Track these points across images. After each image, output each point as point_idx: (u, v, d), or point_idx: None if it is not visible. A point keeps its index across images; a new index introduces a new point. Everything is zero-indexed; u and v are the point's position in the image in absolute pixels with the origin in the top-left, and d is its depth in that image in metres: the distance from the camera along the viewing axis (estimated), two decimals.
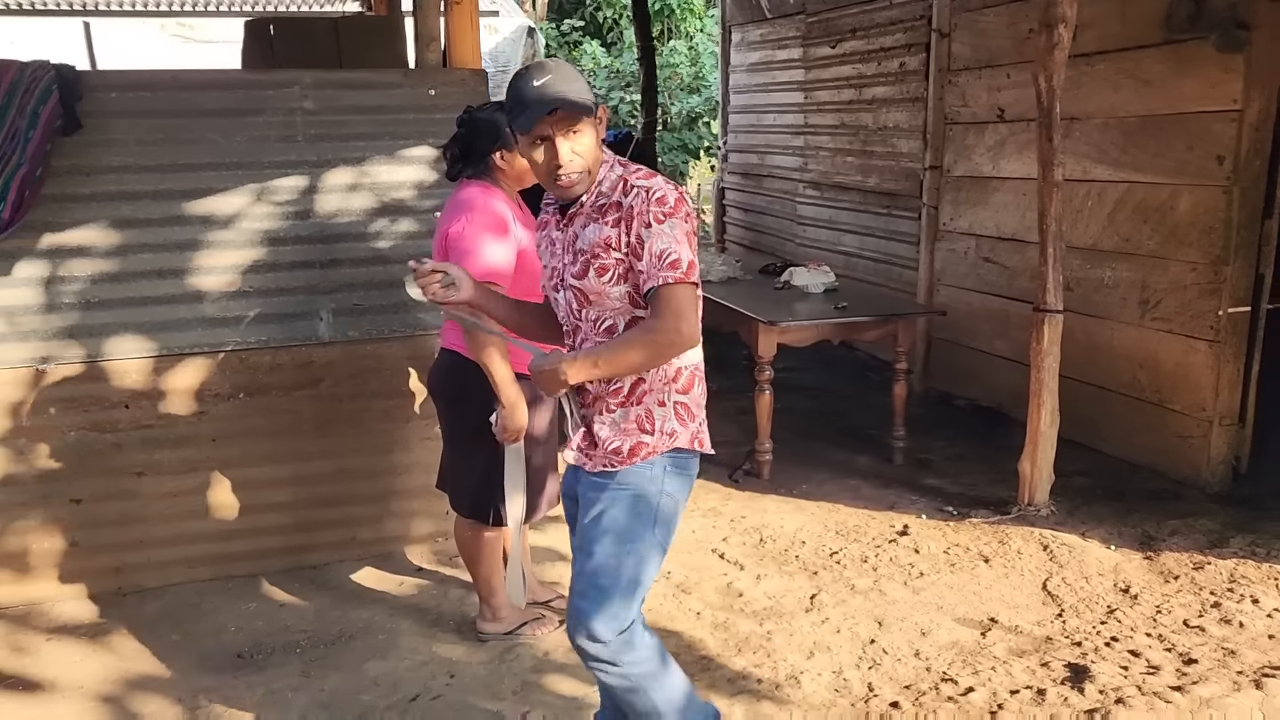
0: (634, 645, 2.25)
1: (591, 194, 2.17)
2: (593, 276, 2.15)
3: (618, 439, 2.21)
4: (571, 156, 2.11)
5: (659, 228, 2.07)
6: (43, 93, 3.15)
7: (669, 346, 2.08)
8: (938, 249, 6.02)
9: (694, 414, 2.25)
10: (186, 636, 3.34)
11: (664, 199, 2.09)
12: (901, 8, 6.25)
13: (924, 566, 3.78)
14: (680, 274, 2.06)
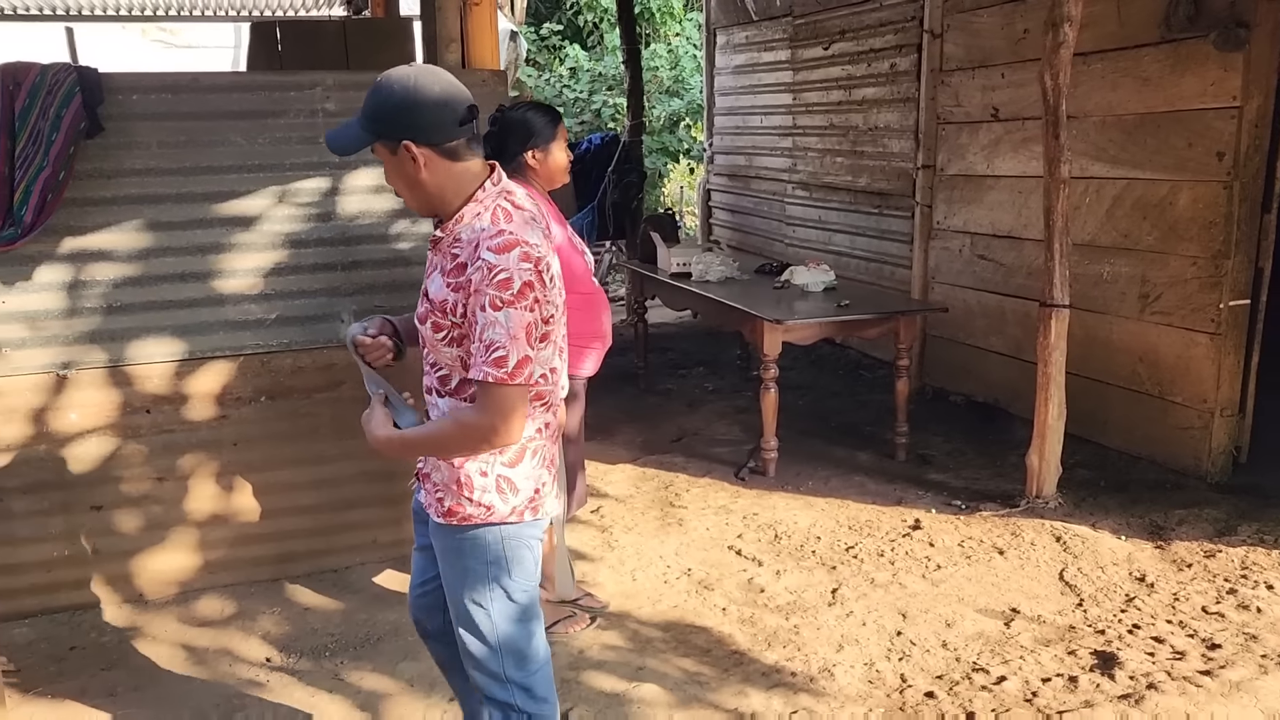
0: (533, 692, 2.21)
1: (450, 233, 1.99)
2: (429, 328, 2.00)
3: (441, 491, 2.09)
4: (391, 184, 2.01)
5: (494, 315, 1.86)
6: (65, 95, 3.12)
7: (483, 444, 1.95)
8: (931, 247, 6.09)
9: (519, 488, 2.07)
10: (214, 641, 3.32)
11: (507, 282, 1.86)
12: (892, 9, 6.32)
13: (940, 559, 3.84)
14: (504, 373, 1.87)
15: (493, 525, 2.07)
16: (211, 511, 3.57)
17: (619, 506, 4.44)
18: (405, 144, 1.90)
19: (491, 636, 2.13)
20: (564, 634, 3.28)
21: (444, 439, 2.00)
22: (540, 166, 3.00)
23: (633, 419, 5.67)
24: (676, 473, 4.85)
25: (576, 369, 3.08)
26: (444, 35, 3.62)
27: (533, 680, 2.20)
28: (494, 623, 2.12)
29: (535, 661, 2.20)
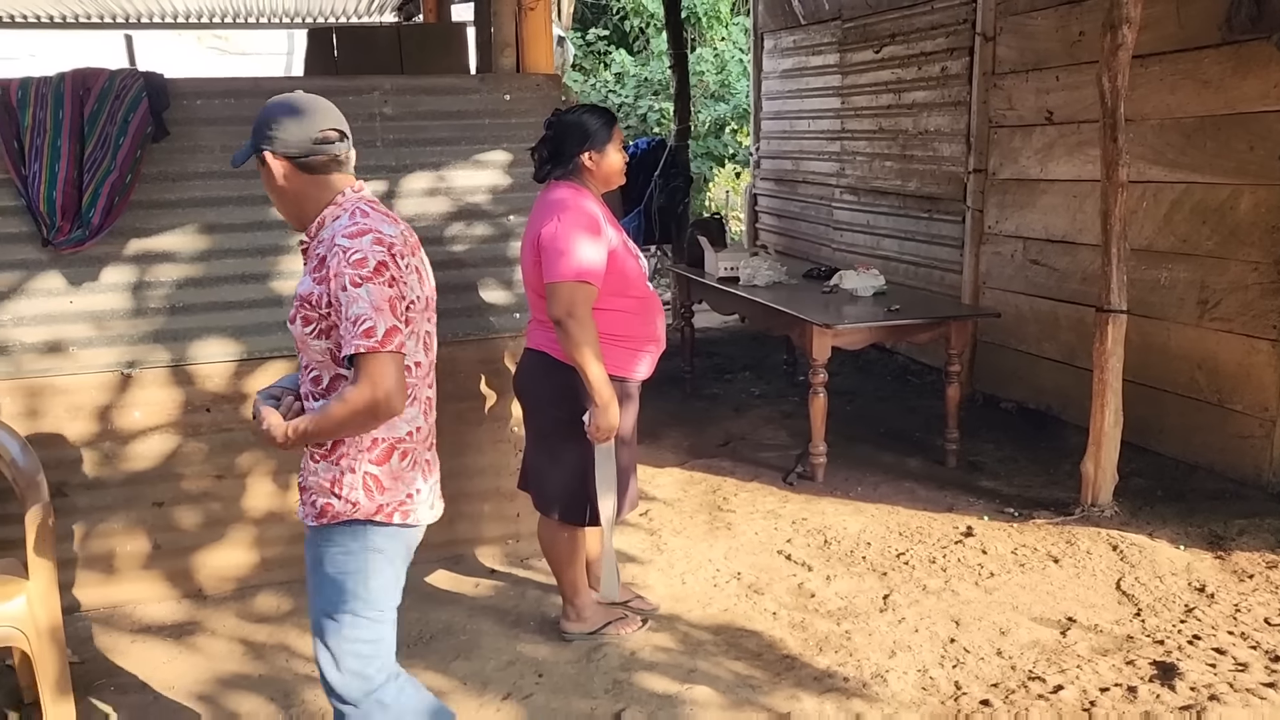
0: (386, 706, 2.22)
1: (313, 237, 2.14)
2: (299, 324, 2.09)
3: (314, 493, 2.16)
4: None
5: (355, 291, 1.98)
6: (133, 100, 3.20)
7: (365, 414, 2.01)
8: (983, 252, 6.04)
9: (385, 486, 2.14)
10: (270, 637, 3.37)
11: (359, 261, 2.00)
12: (943, 12, 6.28)
13: (993, 567, 3.80)
14: (374, 342, 1.97)
15: (358, 523, 2.13)
16: (268, 509, 3.63)
17: (667, 510, 4.45)
18: (264, 153, 2.11)
19: (338, 652, 2.18)
20: (615, 635, 3.29)
21: (334, 418, 2.05)
22: (596, 168, 3.02)
23: (679, 423, 5.67)
24: (724, 477, 4.85)
25: (631, 372, 3.09)
26: (499, 40, 3.67)
27: (376, 700, 2.23)
28: (340, 638, 2.17)
29: (374, 682, 2.22)
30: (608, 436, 2.92)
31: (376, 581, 2.17)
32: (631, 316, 3.04)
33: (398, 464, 2.16)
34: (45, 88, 3.22)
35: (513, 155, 3.65)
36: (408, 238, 2.17)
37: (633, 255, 3.08)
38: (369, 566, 2.16)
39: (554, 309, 2.86)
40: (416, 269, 2.16)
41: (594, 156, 3.00)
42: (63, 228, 3.21)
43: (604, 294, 2.94)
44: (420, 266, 2.19)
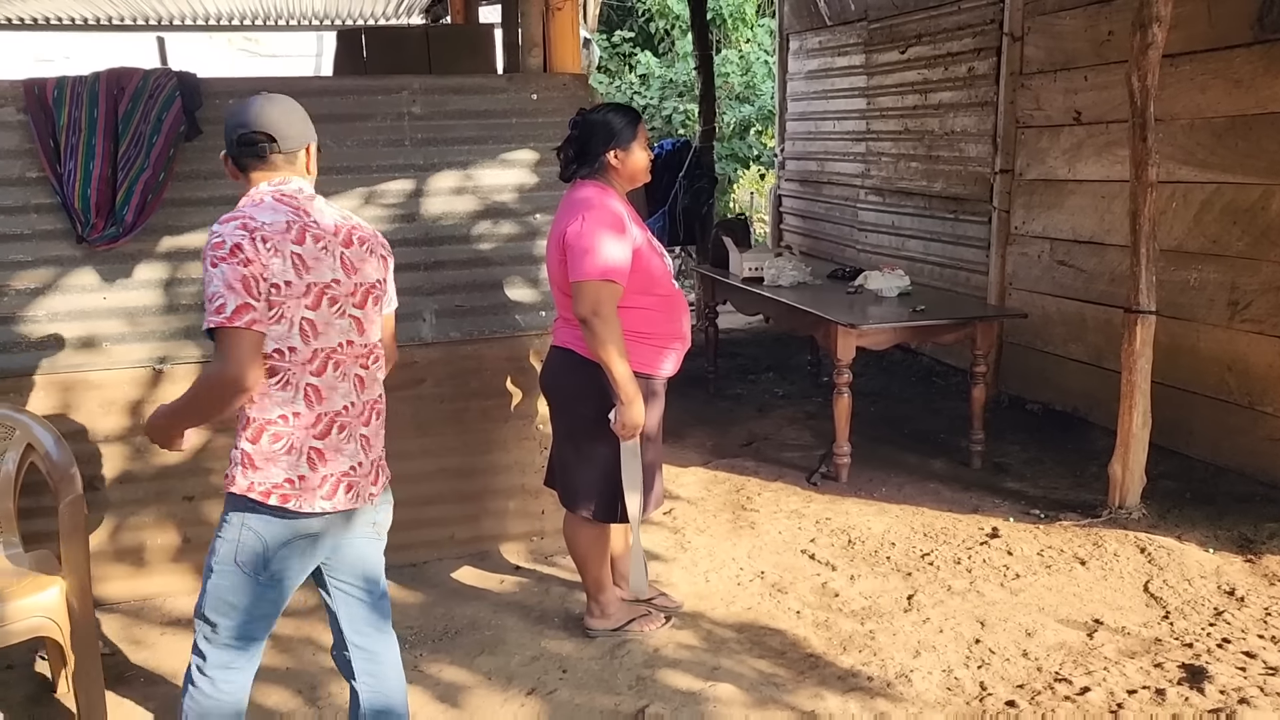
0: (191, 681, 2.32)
1: None
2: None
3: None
4: None
5: (211, 271, 2.07)
6: (166, 100, 3.24)
7: (215, 387, 2.08)
8: (1009, 253, 6.00)
9: (257, 465, 2.18)
10: (298, 629, 3.40)
11: (218, 244, 2.08)
12: (970, 12, 6.25)
13: (1019, 568, 3.78)
14: (223, 318, 2.04)
15: (235, 497, 2.21)
16: None
17: (691, 509, 4.45)
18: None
19: (204, 593, 2.29)
20: (639, 632, 3.30)
21: (193, 395, 2.16)
22: (621, 166, 3.03)
23: (703, 423, 5.68)
24: (747, 476, 4.85)
25: (656, 369, 3.09)
26: (527, 40, 3.69)
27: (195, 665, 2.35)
28: (207, 586, 2.28)
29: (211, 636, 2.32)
30: (633, 434, 2.93)
31: (242, 557, 2.23)
32: (656, 314, 3.05)
33: (268, 445, 2.19)
34: (81, 87, 3.27)
35: (539, 154, 3.67)
36: (305, 227, 2.19)
37: (657, 253, 3.09)
38: (240, 539, 2.22)
39: (579, 307, 2.87)
40: (298, 256, 2.16)
41: (619, 155, 3.01)
42: (97, 225, 3.26)
43: (629, 292, 2.95)
44: (306, 255, 2.18)
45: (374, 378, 2.37)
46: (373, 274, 2.33)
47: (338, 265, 2.24)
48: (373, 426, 2.37)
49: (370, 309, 2.33)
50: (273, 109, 2.29)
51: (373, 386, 2.37)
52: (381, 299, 2.39)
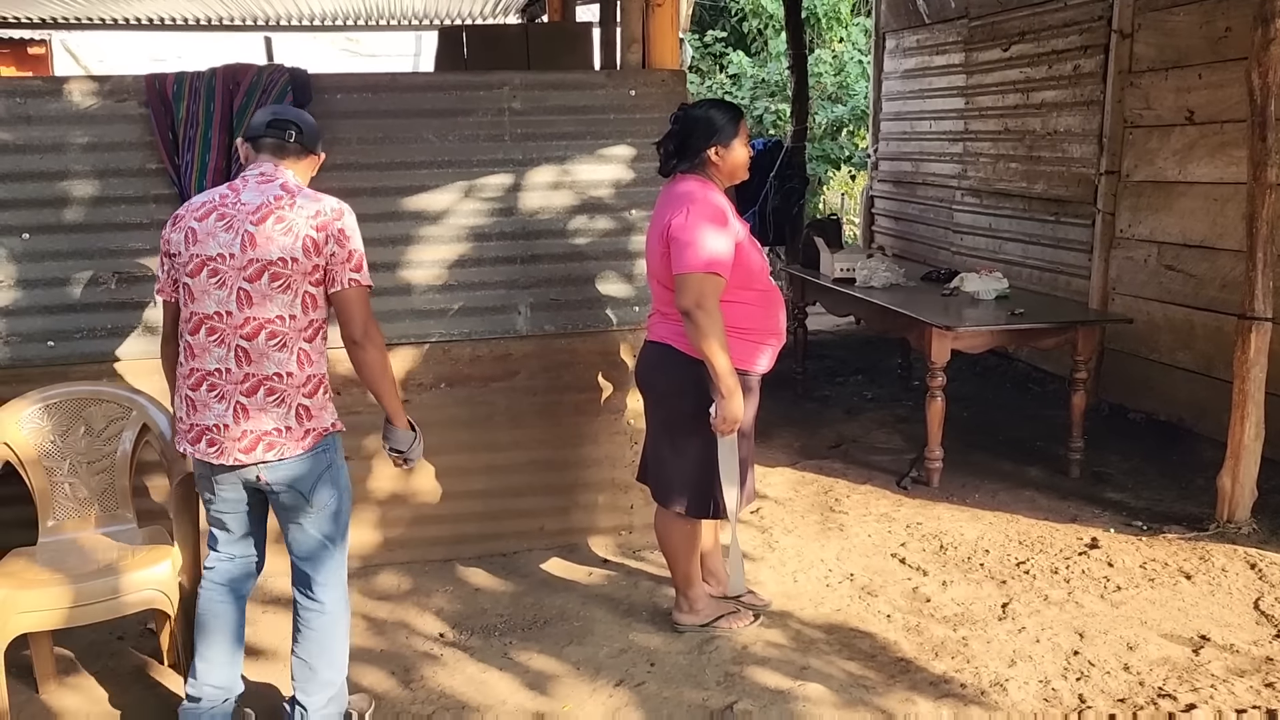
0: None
1: None
2: None
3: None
4: None
5: None
6: (278, 94, 3.34)
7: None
8: (1113, 256, 5.82)
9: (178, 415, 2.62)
10: (392, 614, 3.48)
11: None
12: (1077, 9, 6.08)
13: (1120, 580, 3.66)
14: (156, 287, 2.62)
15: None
16: (392, 491, 3.74)
17: (779, 509, 4.42)
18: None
19: None
20: (727, 629, 3.29)
21: None
22: (722, 162, 3.03)
23: (791, 423, 5.63)
24: (836, 478, 4.80)
25: (753, 365, 3.08)
26: (626, 36, 3.71)
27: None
28: None
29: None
30: (733, 428, 2.93)
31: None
32: (755, 309, 3.03)
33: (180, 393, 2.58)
34: (198, 82, 3.40)
35: (636, 150, 3.69)
36: (218, 205, 2.49)
37: (757, 249, 3.08)
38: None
39: (683, 300, 2.87)
40: (192, 230, 2.47)
41: (720, 151, 3.01)
42: None
43: (732, 286, 2.95)
44: (200, 230, 2.47)
45: (263, 353, 2.48)
46: (277, 253, 2.43)
47: (235, 241, 2.44)
48: (258, 399, 2.49)
49: (267, 285, 2.45)
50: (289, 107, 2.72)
51: (261, 362, 2.48)
52: (289, 279, 2.46)
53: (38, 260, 3.41)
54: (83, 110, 3.37)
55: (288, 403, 2.51)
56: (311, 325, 2.53)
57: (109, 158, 3.40)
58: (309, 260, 2.46)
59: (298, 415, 2.52)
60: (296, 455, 2.53)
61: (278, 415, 2.50)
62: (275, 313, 2.46)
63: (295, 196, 2.50)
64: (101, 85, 3.41)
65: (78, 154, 3.39)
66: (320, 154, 2.72)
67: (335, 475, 2.65)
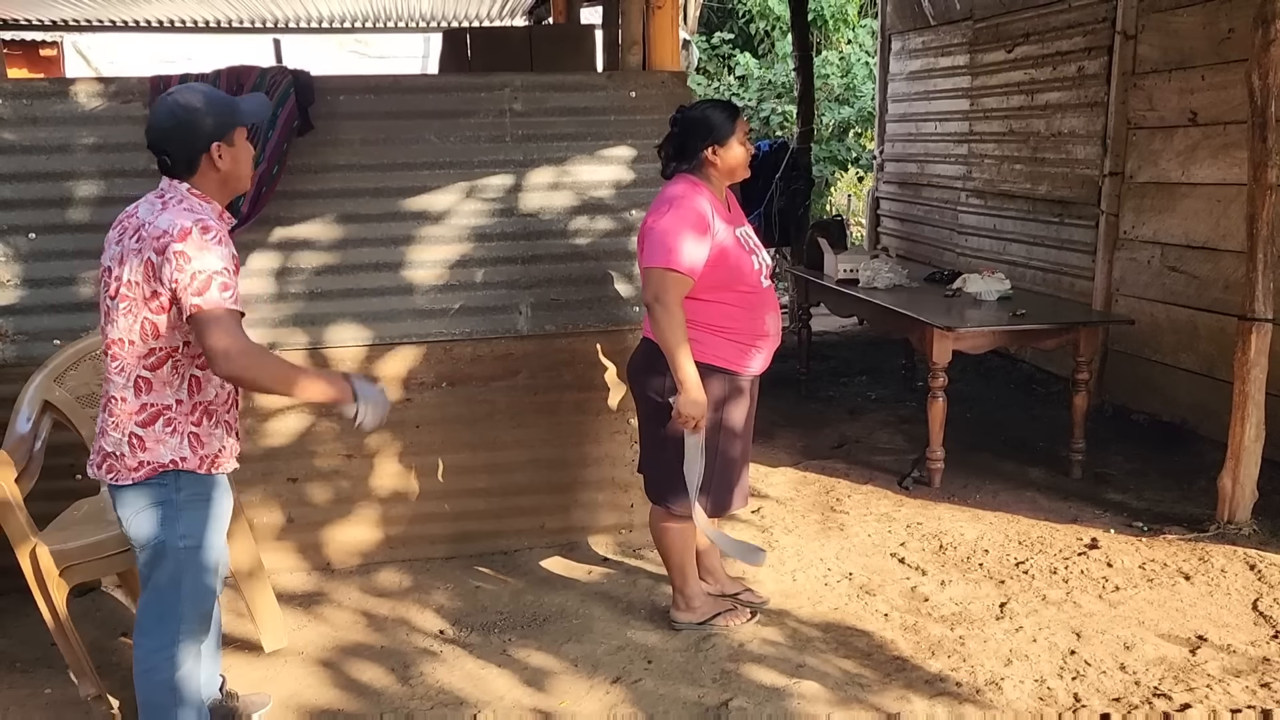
0: None
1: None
2: None
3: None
4: None
5: None
6: (281, 96, 3.37)
7: None
8: (1117, 258, 5.82)
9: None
10: (393, 611, 3.51)
11: None
12: (1081, 10, 6.08)
13: (1119, 581, 3.66)
14: None
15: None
16: (393, 489, 3.77)
17: (779, 508, 4.44)
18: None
19: None
20: (724, 627, 3.31)
21: None
22: (720, 161, 3.05)
23: (793, 424, 5.64)
24: (837, 478, 4.81)
25: (740, 366, 3.11)
26: (627, 38, 3.73)
27: None
28: None
29: None
30: (691, 424, 2.96)
31: None
32: (737, 310, 3.06)
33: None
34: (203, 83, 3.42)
35: (637, 151, 3.71)
36: (121, 219, 2.40)
37: (747, 250, 3.09)
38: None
39: (645, 292, 3.00)
40: (109, 237, 2.40)
41: (717, 150, 3.03)
42: None
43: (711, 287, 2.99)
44: (106, 243, 2.40)
45: (110, 373, 2.36)
46: (127, 274, 2.28)
47: (114, 257, 2.35)
48: (105, 419, 2.39)
49: (118, 306, 2.30)
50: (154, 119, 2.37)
51: (109, 381, 2.37)
52: (132, 302, 2.29)
53: (44, 260, 3.45)
54: (88, 111, 3.41)
55: (121, 429, 2.36)
56: (153, 354, 2.32)
57: (114, 158, 3.44)
58: (148, 285, 2.26)
59: (130, 444, 2.35)
60: (126, 483, 2.37)
61: (113, 440, 2.37)
62: (118, 335, 2.33)
63: (162, 213, 2.28)
64: (107, 87, 3.45)
65: (83, 155, 3.42)
66: (222, 142, 2.33)
67: (168, 517, 2.39)
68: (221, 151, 2.34)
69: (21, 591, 2.82)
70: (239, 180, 2.44)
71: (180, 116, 2.30)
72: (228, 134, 2.35)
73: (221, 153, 2.34)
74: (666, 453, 3.12)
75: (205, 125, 2.31)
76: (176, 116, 2.31)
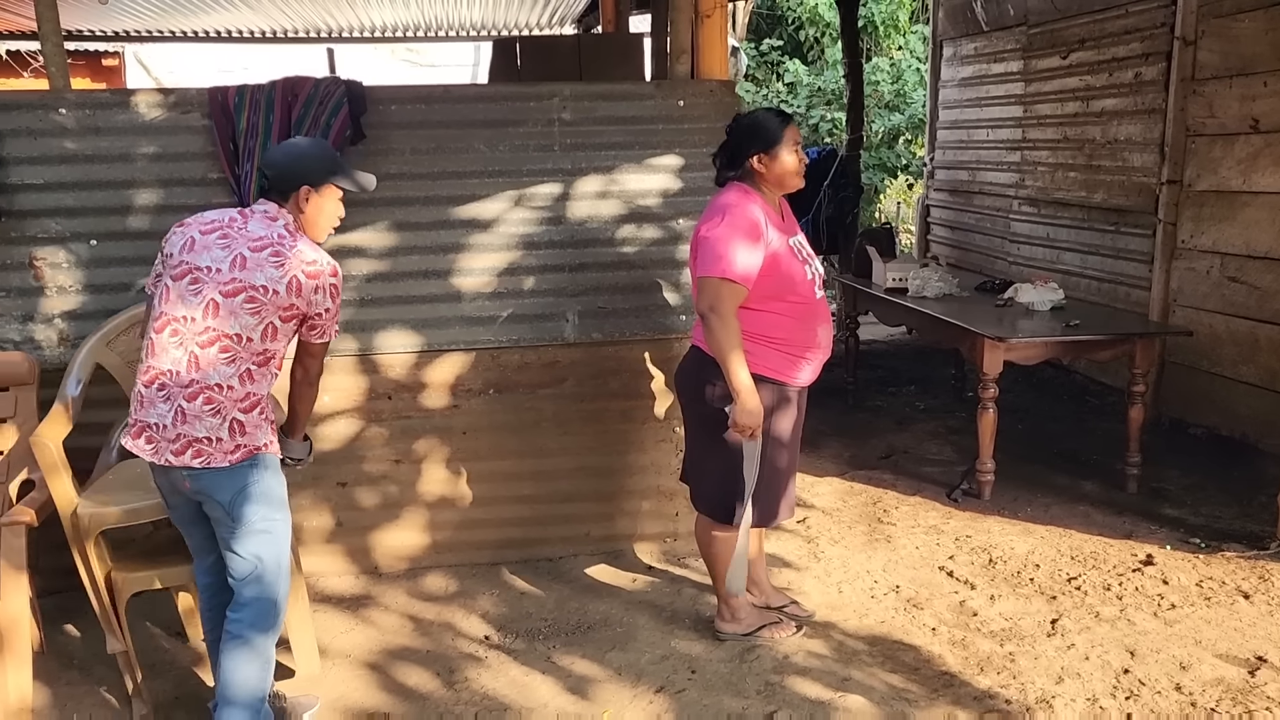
0: None
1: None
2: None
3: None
4: None
5: None
6: (335, 105, 3.43)
7: None
8: (1174, 268, 5.69)
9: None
10: (438, 615, 3.54)
11: None
12: (1139, 15, 5.97)
13: (1175, 598, 3.58)
14: None
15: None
16: (440, 495, 3.80)
17: (825, 519, 4.40)
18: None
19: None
20: (769, 639, 3.28)
21: None
22: (767, 171, 3.03)
23: (840, 434, 5.60)
24: (885, 489, 4.76)
25: (790, 377, 3.09)
26: (675, 46, 3.73)
27: None
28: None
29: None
30: (746, 432, 2.95)
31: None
32: (789, 320, 3.04)
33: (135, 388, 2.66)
34: (259, 94, 3.49)
35: (684, 159, 3.71)
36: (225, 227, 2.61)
37: (800, 260, 3.07)
38: None
39: (699, 302, 2.98)
40: (193, 239, 2.59)
41: (763, 159, 3.02)
42: None
43: (763, 296, 2.97)
44: (199, 242, 2.58)
45: (212, 363, 2.54)
46: (261, 280, 2.54)
47: (227, 259, 2.54)
48: (196, 406, 2.54)
49: (240, 304, 2.53)
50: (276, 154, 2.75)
51: (208, 371, 2.54)
52: (262, 306, 2.54)
53: (104, 266, 3.53)
54: (148, 121, 3.49)
55: (223, 414, 2.55)
56: (265, 353, 2.60)
57: (173, 167, 3.51)
58: (288, 297, 2.56)
59: (231, 428, 2.56)
60: (221, 467, 2.56)
61: (211, 425, 2.54)
62: (235, 330, 2.54)
63: (297, 242, 2.61)
64: (166, 97, 3.53)
65: (144, 164, 3.50)
66: (309, 188, 2.65)
67: (265, 494, 2.63)
68: (309, 196, 2.66)
69: (79, 591, 2.89)
70: (316, 232, 2.72)
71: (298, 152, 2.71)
72: (322, 185, 2.67)
73: (309, 197, 2.66)
74: (713, 461, 3.12)
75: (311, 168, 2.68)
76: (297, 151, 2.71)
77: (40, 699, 3.02)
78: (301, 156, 2.67)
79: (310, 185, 2.64)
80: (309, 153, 2.70)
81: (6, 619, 2.77)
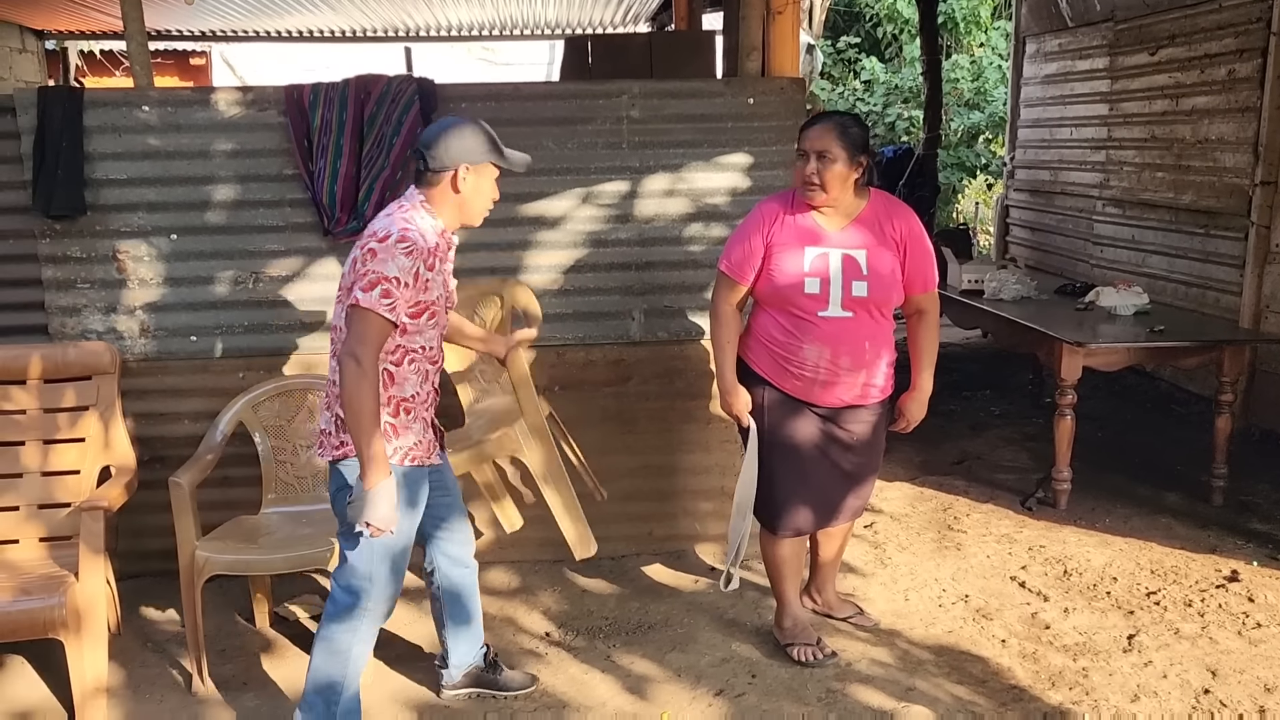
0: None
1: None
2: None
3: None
4: None
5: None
6: (406, 103, 3.46)
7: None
8: (1267, 272, 5.46)
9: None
10: (501, 610, 3.55)
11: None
12: (1233, 10, 5.74)
13: (1260, 617, 3.43)
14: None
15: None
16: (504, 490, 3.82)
17: (894, 524, 4.32)
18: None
19: None
20: (795, 657, 3.15)
21: None
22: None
23: (911, 438, 5.37)
24: (956, 496, 4.65)
25: (778, 380, 3.07)
26: (746, 44, 3.70)
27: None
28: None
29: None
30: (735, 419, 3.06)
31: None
32: (780, 331, 3.00)
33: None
34: (333, 92, 3.55)
35: (753, 158, 3.67)
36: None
37: (813, 274, 2.90)
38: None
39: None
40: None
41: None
42: (340, 219, 3.53)
43: (762, 296, 3.03)
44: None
45: (330, 356, 2.60)
46: (345, 269, 2.53)
47: (351, 257, 2.54)
48: (322, 399, 2.69)
49: (339, 297, 2.55)
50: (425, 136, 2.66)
51: (331, 364, 2.59)
52: (341, 293, 2.54)
53: (183, 260, 3.62)
54: (227, 119, 3.57)
55: (331, 408, 2.58)
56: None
57: (250, 164, 3.59)
58: (348, 278, 2.49)
59: (336, 423, 2.57)
60: (328, 458, 2.61)
61: (325, 418, 2.62)
62: (336, 323, 2.57)
63: (385, 217, 2.52)
64: (245, 95, 3.60)
65: (222, 160, 3.58)
66: (456, 167, 2.53)
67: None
68: (466, 176, 2.55)
69: (155, 576, 2.98)
70: (471, 213, 2.63)
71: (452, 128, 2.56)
72: (480, 164, 2.57)
73: (466, 177, 2.55)
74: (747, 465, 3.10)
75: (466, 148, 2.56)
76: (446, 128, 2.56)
77: (115, 679, 3.11)
78: (460, 134, 2.54)
79: (469, 163, 2.53)
80: (467, 129, 2.56)
81: (84, 600, 2.85)
